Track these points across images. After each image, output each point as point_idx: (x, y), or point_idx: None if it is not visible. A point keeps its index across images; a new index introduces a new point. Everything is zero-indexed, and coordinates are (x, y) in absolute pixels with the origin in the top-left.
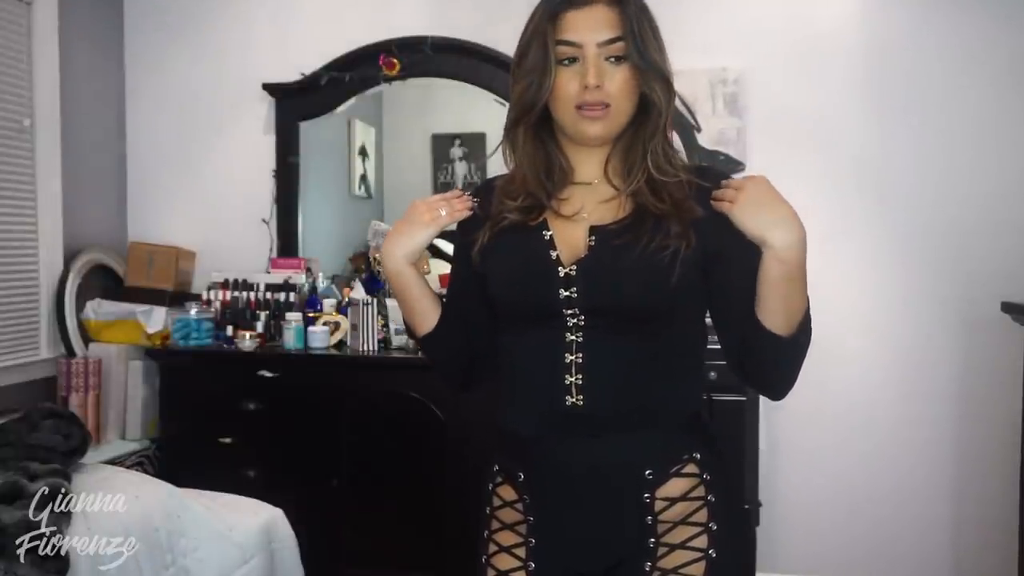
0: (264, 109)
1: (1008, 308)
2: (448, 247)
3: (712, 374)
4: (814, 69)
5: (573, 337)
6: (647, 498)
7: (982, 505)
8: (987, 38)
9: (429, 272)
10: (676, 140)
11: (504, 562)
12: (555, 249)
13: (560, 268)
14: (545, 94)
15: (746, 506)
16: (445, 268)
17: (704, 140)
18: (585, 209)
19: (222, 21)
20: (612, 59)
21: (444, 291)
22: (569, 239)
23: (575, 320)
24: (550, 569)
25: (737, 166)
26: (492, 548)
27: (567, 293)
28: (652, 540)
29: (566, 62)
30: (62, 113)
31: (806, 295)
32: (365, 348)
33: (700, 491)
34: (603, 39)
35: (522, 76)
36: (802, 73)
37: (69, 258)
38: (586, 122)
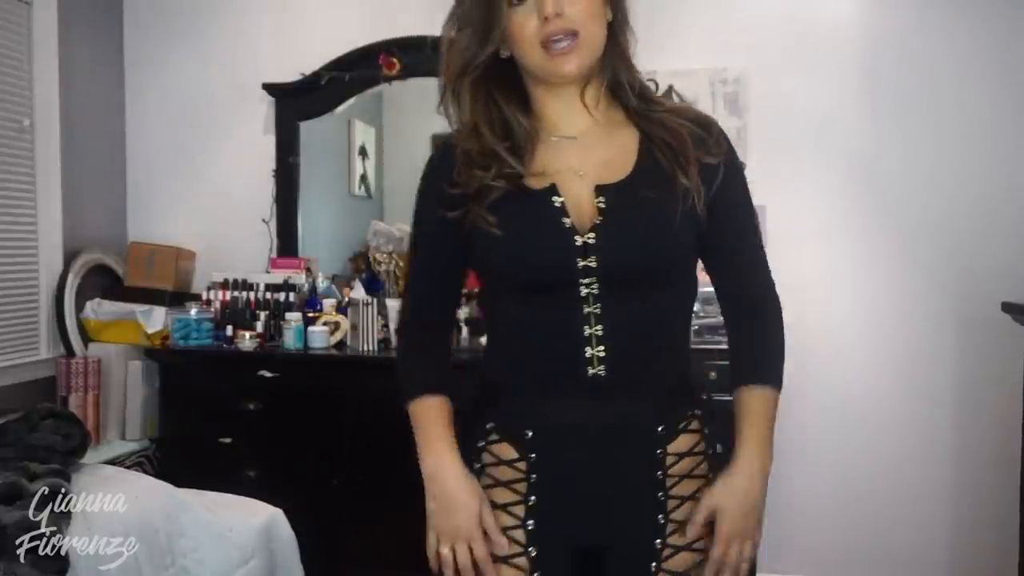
0: (264, 109)
1: (1008, 308)
2: None
3: (712, 374)
4: (814, 69)
5: (590, 309)
6: (659, 453)
7: (982, 505)
8: (985, 39)
9: None
10: None
11: (499, 519)
12: (568, 216)
13: (576, 237)
14: (495, 41)
15: None
16: None
17: None
18: (582, 167)
19: (222, 21)
20: None
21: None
22: (577, 203)
23: (589, 289)
24: (551, 528)
25: None
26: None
27: (585, 263)
28: (661, 494)
29: (516, 2)
30: (62, 113)
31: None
32: (365, 348)
33: (701, 445)
34: None
35: (465, 26)
36: (802, 73)
37: (69, 258)
38: (557, 60)
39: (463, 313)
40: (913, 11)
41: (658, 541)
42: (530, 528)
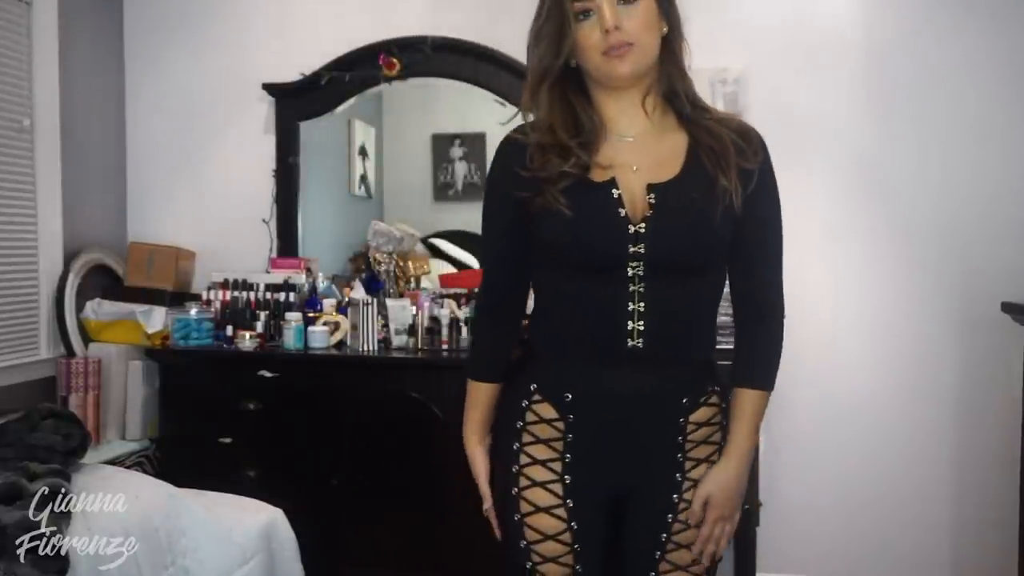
0: (264, 109)
1: (1008, 308)
2: (447, 247)
3: None
4: (814, 69)
5: (635, 288)
6: (681, 421)
7: (982, 505)
8: (987, 38)
9: (429, 272)
10: None
11: (539, 473)
12: (624, 208)
13: (630, 225)
14: (566, 51)
15: (746, 506)
16: (445, 268)
17: None
18: (635, 164)
19: (222, 21)
20: (623, 1)
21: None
22: (631, 196)
23: (636, 272)
24: (584, 481)
25: None
26: (525, 459)
27: (635, 248)
28: (680, 455)
29: (582, 17)
30: (62, 113)
31: (763, 412)
32: (365, 348)
33: (718, 417)
34: None
35: (542, 40)
36: (802, 73)
37: (69, 258)
38: (613, 63)
39: (462, 314)
40: (914, 10)
41: (675, 496)
42: (567, 482)
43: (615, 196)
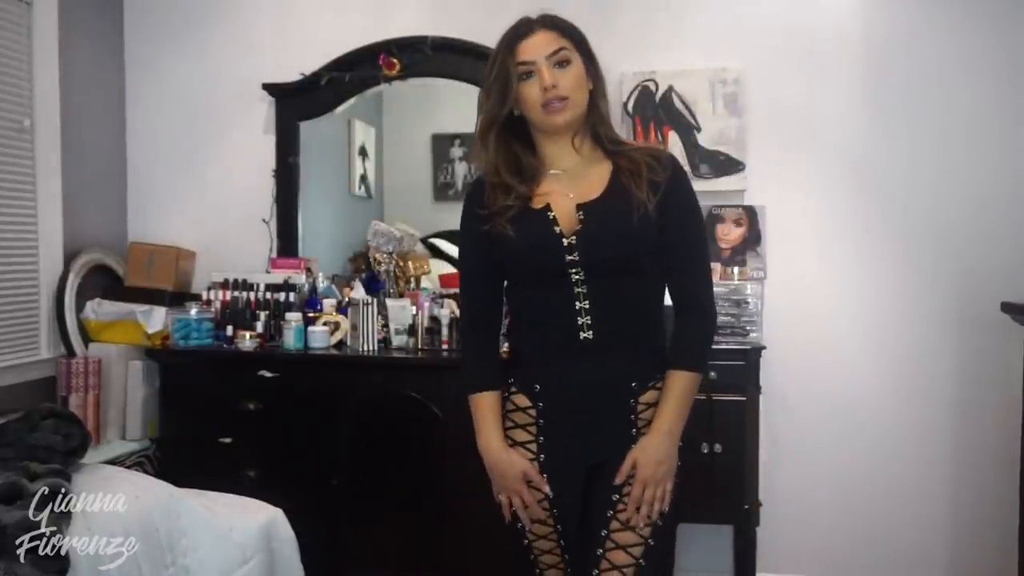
0: (264, 109)
1: (1008, 308)
2: (447, 247)
3: (712, 374)
4: (814, 69)
5: (579, 290)
6: (632, 402)
7: (981, 505)
8: (986, 38)
9: (429, 272)
10: (675, 139)
11: (519, 452)
12: (558, 225)
13: (564, 239)
14: (510, 105)
15: (746, 506)
16: (445, 268)
17: (704, 140)
18: (569, 190)
19: (222, 21)
20: (558, 65)
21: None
22: (564, 216)
23: (577, 276)
24: (556, 459)
25: (737, 166)
26: (508, 442)
27: (571, 257)
28: (634, 431)
29: (524, 77)
30: (62, 113)
31: (694, 392)
32: (365, 348)
33: None
34: (549, 52)
35: (491, 95)
36: (802, 73)
37: (69, 258)
38: (552, 115)
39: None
40: (913, 10)
41: None
42: (542, 459)
43: (550, 217)
